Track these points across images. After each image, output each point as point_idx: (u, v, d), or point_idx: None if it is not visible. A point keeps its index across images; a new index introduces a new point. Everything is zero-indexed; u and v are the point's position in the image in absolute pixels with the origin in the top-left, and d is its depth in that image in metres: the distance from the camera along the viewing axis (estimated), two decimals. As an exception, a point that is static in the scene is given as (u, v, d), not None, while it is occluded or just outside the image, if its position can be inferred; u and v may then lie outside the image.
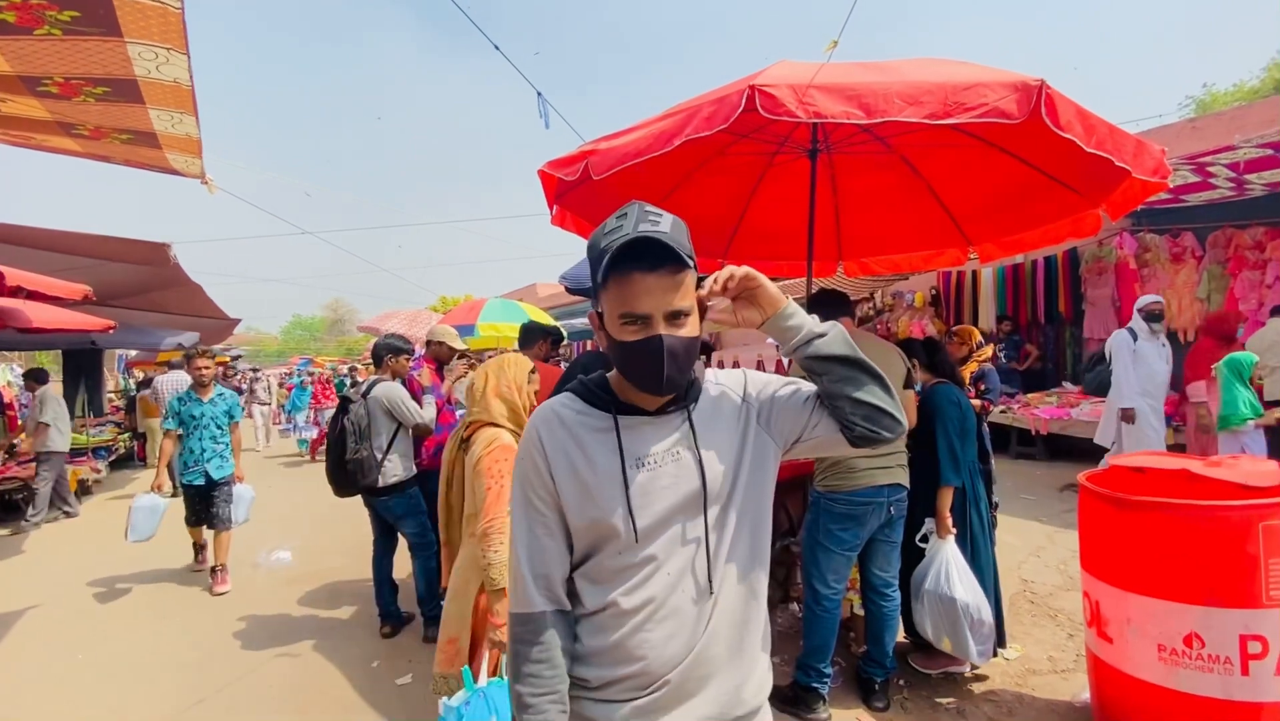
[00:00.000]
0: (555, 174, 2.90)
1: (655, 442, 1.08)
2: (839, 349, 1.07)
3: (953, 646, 2.63)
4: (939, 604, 2.64)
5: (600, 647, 1.06)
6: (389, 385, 3.61)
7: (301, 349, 43.81)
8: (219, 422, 4.71)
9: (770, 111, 2.12)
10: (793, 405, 1.13)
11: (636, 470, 1.06)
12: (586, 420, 1.10)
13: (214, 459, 4.66)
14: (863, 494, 2.53)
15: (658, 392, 1.05)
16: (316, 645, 3.58)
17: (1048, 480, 6.50)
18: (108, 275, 6.97)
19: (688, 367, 1.05)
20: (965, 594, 2.59)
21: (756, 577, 1.11)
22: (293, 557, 5.20)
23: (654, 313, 1.00)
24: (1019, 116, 2.03)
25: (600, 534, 1.06)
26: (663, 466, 1.07)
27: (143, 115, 3.11)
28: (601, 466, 1.06)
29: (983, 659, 2.64)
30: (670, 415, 1.10)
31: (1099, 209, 3.34)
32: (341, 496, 3.54)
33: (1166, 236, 7.92)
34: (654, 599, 1.04)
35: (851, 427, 1.07)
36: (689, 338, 1.04)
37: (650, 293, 0.99)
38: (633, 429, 1.09)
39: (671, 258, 0.99)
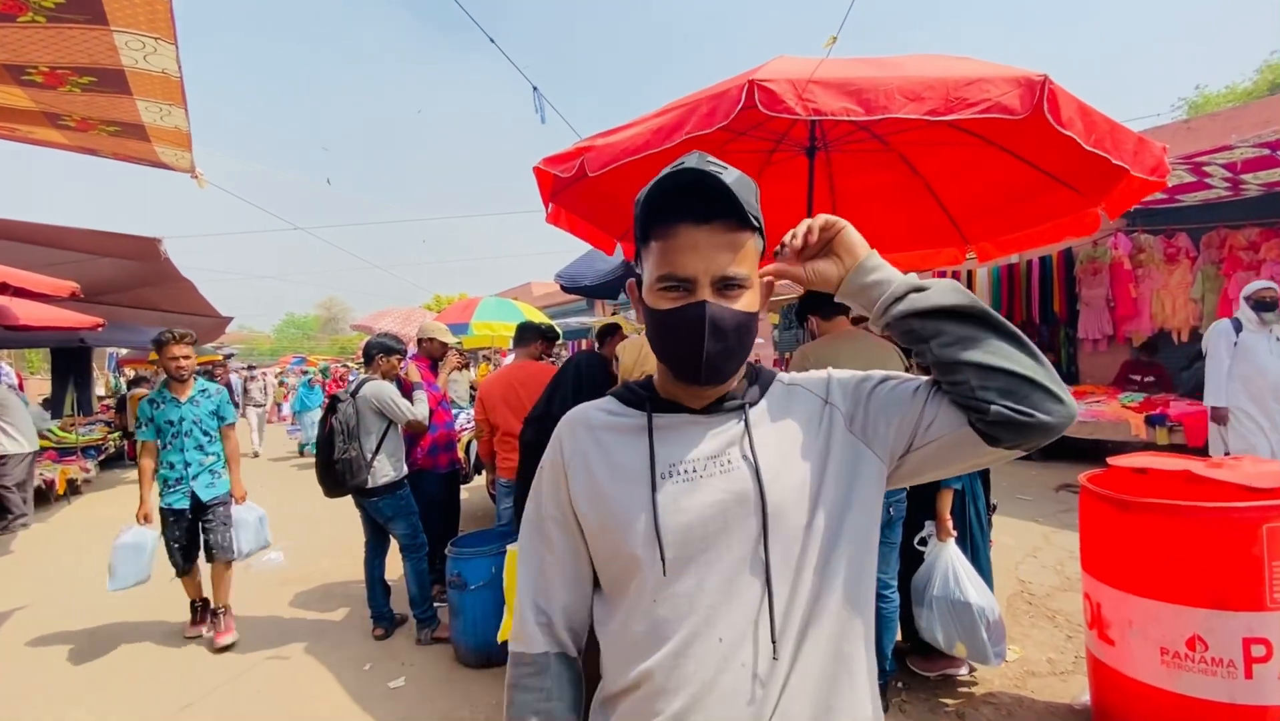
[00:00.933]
0: (551, 170, 2.86)
1: (697, 445, 0.84)
2: (950, 299, 0.80)
3: (968, 651, 2.60)
4: (951, 609, 2.61)
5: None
6: (378, 384, 3.56)
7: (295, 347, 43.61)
8: (205, 427, 3.71)
9: (769, 107, 2.09)
10: (896, 400, 0.84)
11: (668, 479, 0.82)
12: (617, 420, 0.90)
13: (202, 474, 3.67)
14: None
15: (696, 378, 0.82)
16: (308, 647, 3.52)
17: (1044, 480, 6.51)
18: (97, 271, 6.89)
19: (737, 350, 0.82)
20: (978, 597, 2.57)
21: (852, 633, 0.80)
22: (285, 559, 5.13)
23: (699, 276, 0.79)
24: (1021, 112, 2.00)
25: (623, 567, 0.83)
26: (706, 477, 0.81)
27: (130, 107, 3.05)
28: (624, 472, 0.84)
29: (998, 660, 2.61)
30: (721, 414, 0.86)
31: (1097, 207, 3.33)
32: (331, 497, 3.50)
33: (1161, 237, 7.93)
34: (694, 678, 0.76)
35: (984, 410, 0.75)
36: (742, 312, 0.81)
37: (697, 250, 0.79)
38: (670, 428, 0.86)
39: (728, 209, 0.78)
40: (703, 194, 0.78)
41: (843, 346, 2.61)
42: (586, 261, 6.40)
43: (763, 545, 0.78)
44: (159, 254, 6.52)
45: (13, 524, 6.31)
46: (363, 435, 3.43)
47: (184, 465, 3.64)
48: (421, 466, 4.04)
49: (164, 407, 3.64)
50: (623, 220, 4.03)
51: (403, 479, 3.59)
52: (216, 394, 3.85)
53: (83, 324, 5.61)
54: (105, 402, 12.92)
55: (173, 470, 3.64)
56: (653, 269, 0.83)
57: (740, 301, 0.81)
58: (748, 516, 0.79)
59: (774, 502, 0.79)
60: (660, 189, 0.80)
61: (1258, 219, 7.02)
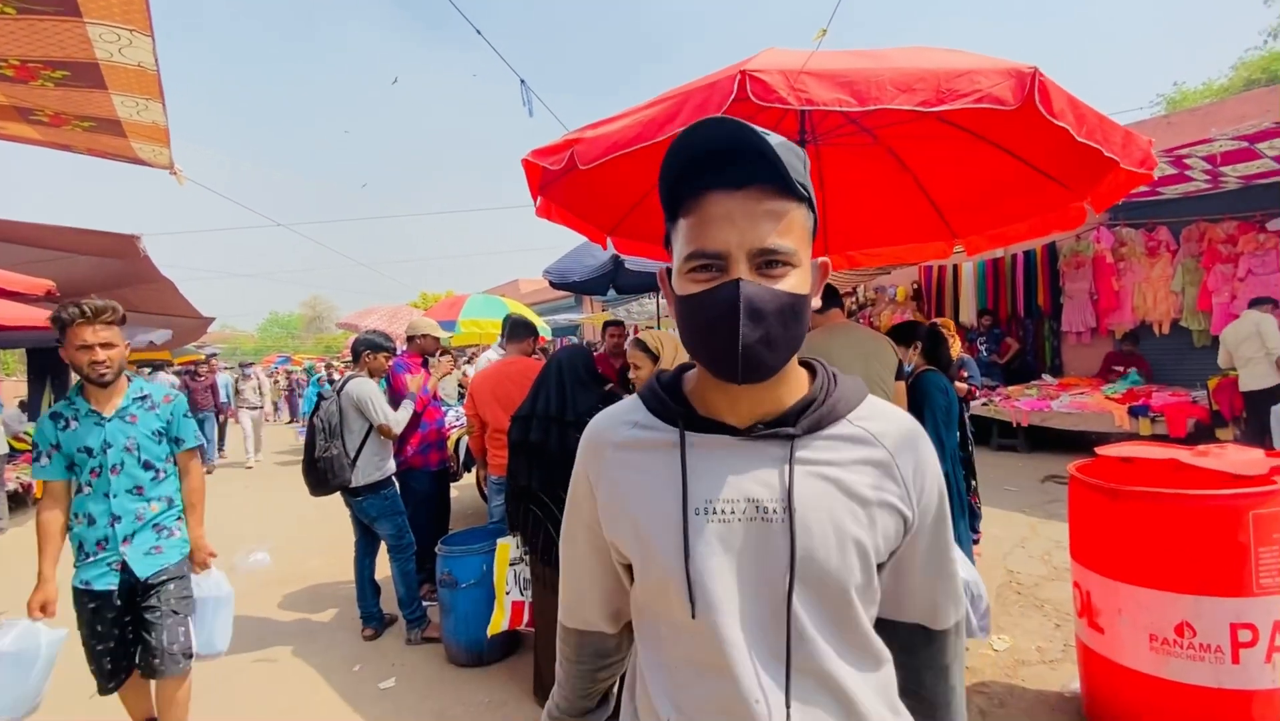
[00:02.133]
0: (539, 163, 2.82)
1: (735, 481, 0.73)
2: None
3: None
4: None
5: None
6: (361, 381, 3.51)
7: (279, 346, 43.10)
8: (146, 456, 2.38)
9: (761, 98, 2.08)
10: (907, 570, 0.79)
11: (702, 516, 0.73)
12: (645, 436, 0.79)
13: (140, 533, 2.37)
14: None
15: (733, 374, 0.69)
16: (296, 649, 3.48)
17: (1029, 471, 6.58)
18: (73, 269, 6.75)
19: (782, 339, 0.69)
20: (966, 572, 2.60)
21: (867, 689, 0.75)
22: (272, 558, 5.06)
23: (732, 250, 0.67)
24: (1013, 103, 2.01)
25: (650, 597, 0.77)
26: (743, 521, 0.72)
27: (105, 101, 2.98)
28: (654, 505, 0.75)
29: (984, 634, 2.63)
30: (766, 441, 0.74)
31: (1083, 201, 3.35)
32: (316, 496, 3.45)
33: (1142, 230, 8.04)
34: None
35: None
36: (787, 293, 0.68)
37: (730, 219, 0.67)
38: (706, 455, 0.75)
39: (768, 172, 0.66)
40: (736, 156, 0.67)
41: (836, 339, 2.61)
42: (575, 257, 6.36)
43: (787, 602, 0.71)
44: (138, 251, 6.41)
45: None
46: (345, 433, 3.39)
47: (110, 520, 2.32)
48: (412, 464, 4.00)
49: (76, 427, 2.29)
50: (614, 213, 4.00)
51: (388, 478, 3.55)
52: (167, 402, 2.48)
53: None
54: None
55: (92, 527, 2.34)
56: (681, 249, 0.71)
57: (785, 281, 0.68)
58: (780, 571, 0.71)
59: (805, 561, 0.70)
60: (687, 151, 0.68)
61: (1235, 212, 7.13)
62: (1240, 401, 5.63)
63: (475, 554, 3.14)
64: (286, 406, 18.36)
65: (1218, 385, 6.18)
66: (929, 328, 3.11)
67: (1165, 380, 7.47)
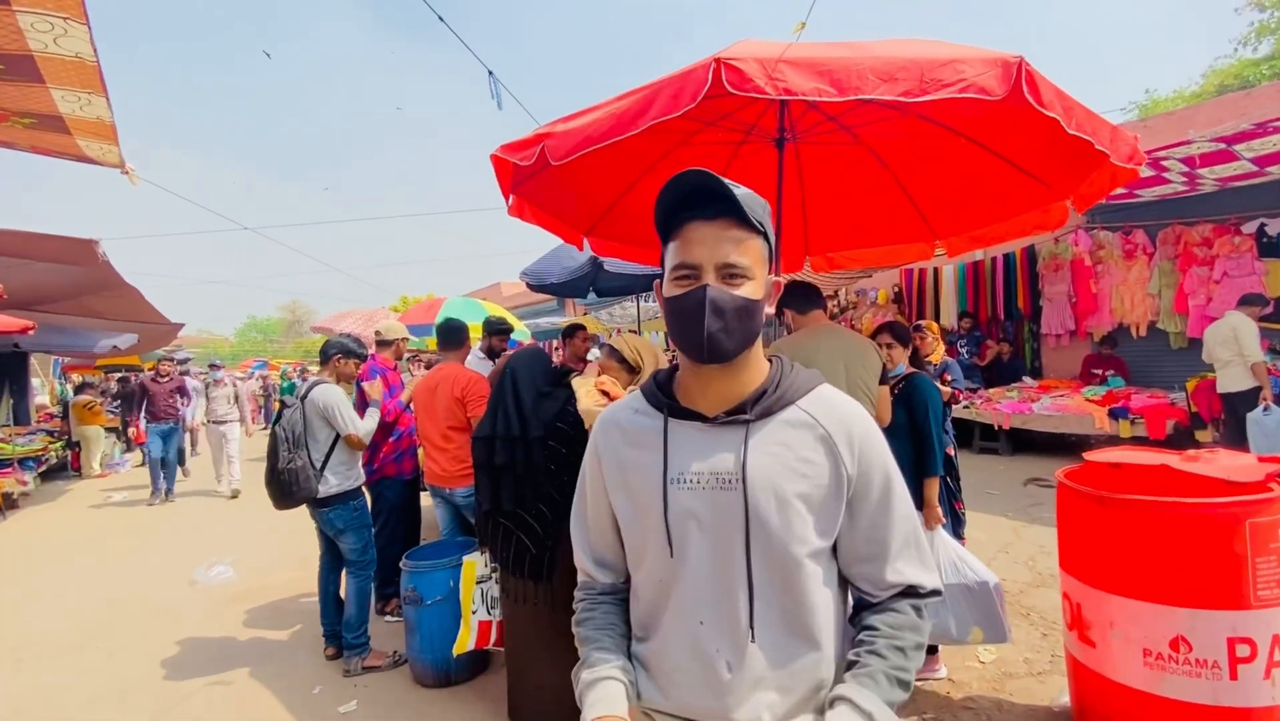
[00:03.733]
0: (510, 159, 2.69)
1: (704, 460, 0.98)
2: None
3: (985, 634, 2.51)
4: (967, 594, 2.52)
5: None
6: (328, 388, 3.30)
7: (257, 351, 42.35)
8: None
9: (737, 87, 1.97)
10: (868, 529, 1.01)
11: (677, 484, 0.98)
12: (641, 420, 1.05)
13: None
14: None
15: (701, 355, 0.94)
16: (254, 671, 3.30)
17: (1011, 474, 6.54)
18: (30, 276, 6.48)
19: (738, 331, 0.93)
20: (989, 574, 2.51)
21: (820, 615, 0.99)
22: (235, 572, 4.86)
23: (704, 262, 0.92)
24: (999, 93, 1.92)
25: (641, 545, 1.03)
26: (708, 489, 0.97)
27: (45, 96, 2.80)
28: (644, 472, 1.01)
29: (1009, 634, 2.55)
30: (729, 427, 0.99)
31: (1066, 201, 3.30)
32: (281, 509, 3.22)
33: (1119, 234, 8.09)
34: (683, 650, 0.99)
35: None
36: (742, 297, 0.92)
37: (703, 242, 0.92)
38: (685, 436, 1.00)
39: (732, 210, 0.92)
40: (709, 195, 0.92)
41: (821, 341, 2.51)
42: (553, 258, 6.23)
43: (745, 551, 0.95)
44: (96, 256, 6.16)
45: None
46: (310, 442, 3.18)
47: None
48: (385, 473, 3.84)
49: None
50: (589, 213, 3.88)
51: (358, 488, 3.36)
52: None
53: (9, 327, 5.22)
54: (48, 411, 12.29)
55: None
56: (669, 262, 0.97)
57: (742, 289, 0.93)
58: (737, 526, 0.95)
59: (757, 517, 0.94)
60: (674, 194, 0.93)
61: (1210, 215, 7.19)
62: (1219, 403, 5.63)
63: (442, 569, 2.98)
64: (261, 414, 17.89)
65: (1196, 387, 6.19)
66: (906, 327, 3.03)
67: (1143, 382, 7.50)
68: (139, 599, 4.49)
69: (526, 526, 2.44)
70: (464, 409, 3.40)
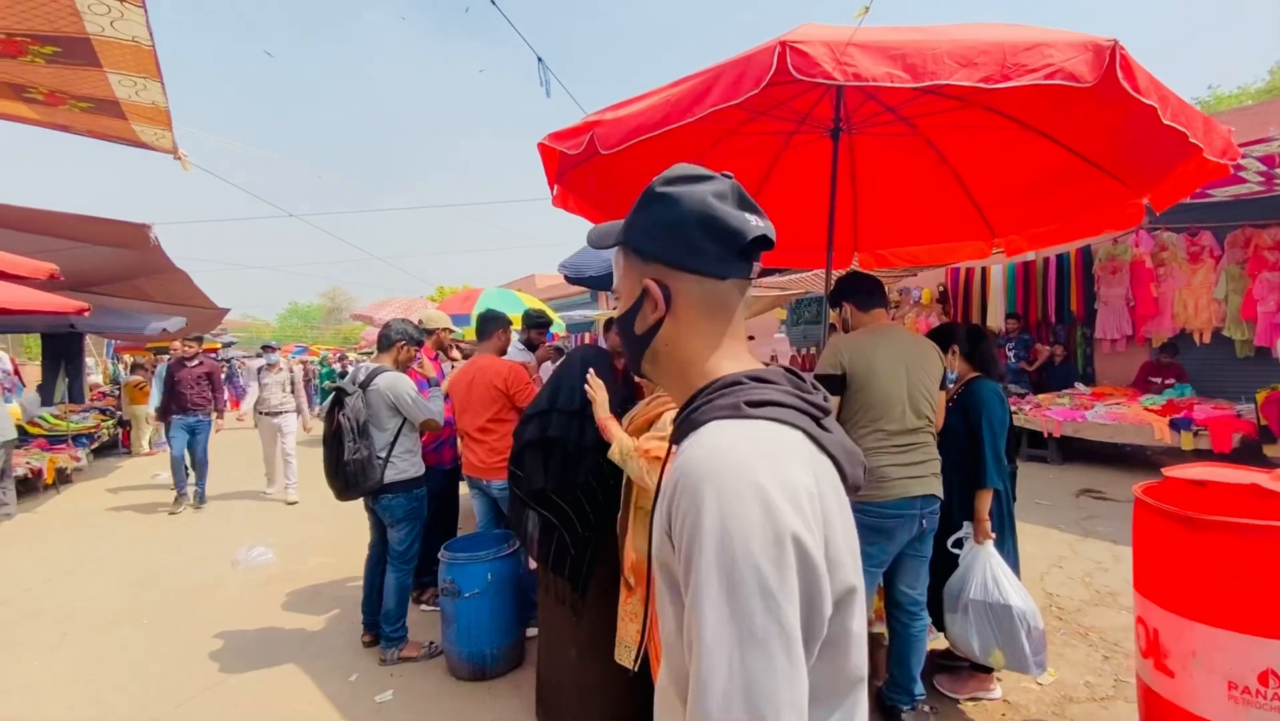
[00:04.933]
0: (557, 147, 2.63)
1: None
2: None
3: (1006, 659, 2.41)
4: (989, 614, 2.42)
5: None
6: (395, 376, 3.21)
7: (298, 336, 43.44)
8: None
9: (803, 72, 1.86)
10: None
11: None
12: None
13: None
14: (894, 506, 2.29)
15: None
16: (292, 654, 3.33)
17: (1062, 485, 6.27)
18: (85, 259, 6.69)
19: (625, 346, 0.91)
20: (1019, 600, 2.39)
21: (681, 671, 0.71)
22: (274, 555, 4.94)
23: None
24: (1090, 79, 1.77)
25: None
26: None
27: (101, 80, 2.83)
28: None
29: (1039, 670, 2.43)
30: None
31: (1142, 198, 3.10)
32: (344, 500, 3.15)
33: (1184, 235, 7.70)
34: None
35: None
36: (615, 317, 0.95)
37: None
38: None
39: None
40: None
41: (881, 342, 2.38)
42: (592, 250, 6.17)
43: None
44: (149, 240, 6.31)
45: (-4, 514, 6.12)
46: (374, 431, 3.12)
47: None
48: (425, 462, 3.83)
49: None
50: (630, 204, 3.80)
51: (421, 476, 3.29)
52: None
53: (65, 308, 5.38)
54: (100, 390, 12.75)
55: None
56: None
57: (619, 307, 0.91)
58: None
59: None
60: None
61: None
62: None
63: (480, 561, 2.96)
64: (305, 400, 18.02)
65: (1266, 398, 5.84)
66: (969, 328, 2.87)
67: (1205, 392, 7.11)
68: (181, 576, 4.59)
69: (568, 521, 2.39)
70: (508, 399, 3.36)
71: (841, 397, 2.36)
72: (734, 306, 0.82)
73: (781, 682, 0.59)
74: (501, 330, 3.55)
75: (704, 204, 0.78)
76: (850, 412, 2.37)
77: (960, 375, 2.77)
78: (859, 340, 2.39)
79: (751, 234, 0.78)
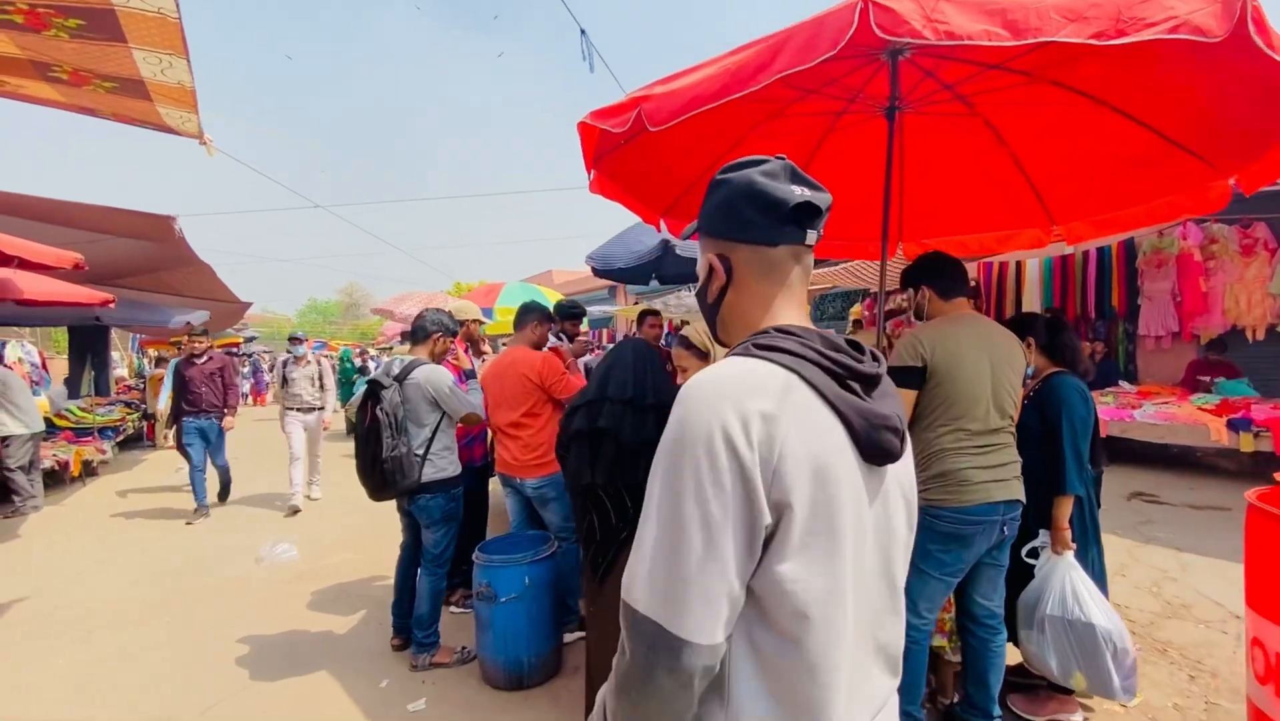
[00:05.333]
0: (600, 125, 2.45)
1: None
2: None
3: (1088, 682, 2.21)
4: (1069, 631, 2.23)
5: None
6: (433, 369, 3.04)
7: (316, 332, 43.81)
8: None
9: (889, 31, 1.68)
10: None
11: None
12: None
13: None
14: (975, 511, 2.09)
15: None
16: (320, 657, 3.21)
17: (1113, 487, 5.99)
18: (110, 251, 6.64)
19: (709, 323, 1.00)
20: (1103, 618, 2.20)
21: None
22: (299, 551, 4.85)
23: None
24: (1219, 34, 1.57)
25: None
26: None
27: (126, 57, 2.71)
28: None
29: (1128, 696, 2.23)
30: None
31: (1229, 180, 2.87)
32: (378, 500, 3.00)
33: (1236, 227, 7.36)
34: None
35: None
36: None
37: None
38: None
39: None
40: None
41: (965, 333, 2.18)
42: (620, 242, 6.00)
43: None
44: (173, 232, 6.26)
45: (21, 507, 6.12)
46: (412, 428, 2.96)
47: None
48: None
49: None
50: (670, 191, 3.63)
51: (458, 476, 3.13)
52: None
53: (90, 299, 5.32)
54: (126, 383, 12.84)
55: None
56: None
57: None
58: None
59: None
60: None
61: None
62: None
63: (517, 564, 2.81)
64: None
65: (1331, 398, 5.54)
66: (1048, 317, 2.65)
67: (1259, 390, 6.80)
68: (205, 572, 4.52)
69: (604, 511, 2.23)
70: (542, 391, 3.20)
71: (919, 393, 2.16)
72: (789, 270, 0.89)
73: (693, 567, 0.70)
74: (537, 321, 3.37)
75: (749, 181, 0.87)
76: (928, 409, 2.18)
77: (1038, 370, 2.56)
78: (941, 330, 2.20)
79: (794, 200, 0.84)
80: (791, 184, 0.86)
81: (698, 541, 0.69)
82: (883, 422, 0.79)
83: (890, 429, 0.79)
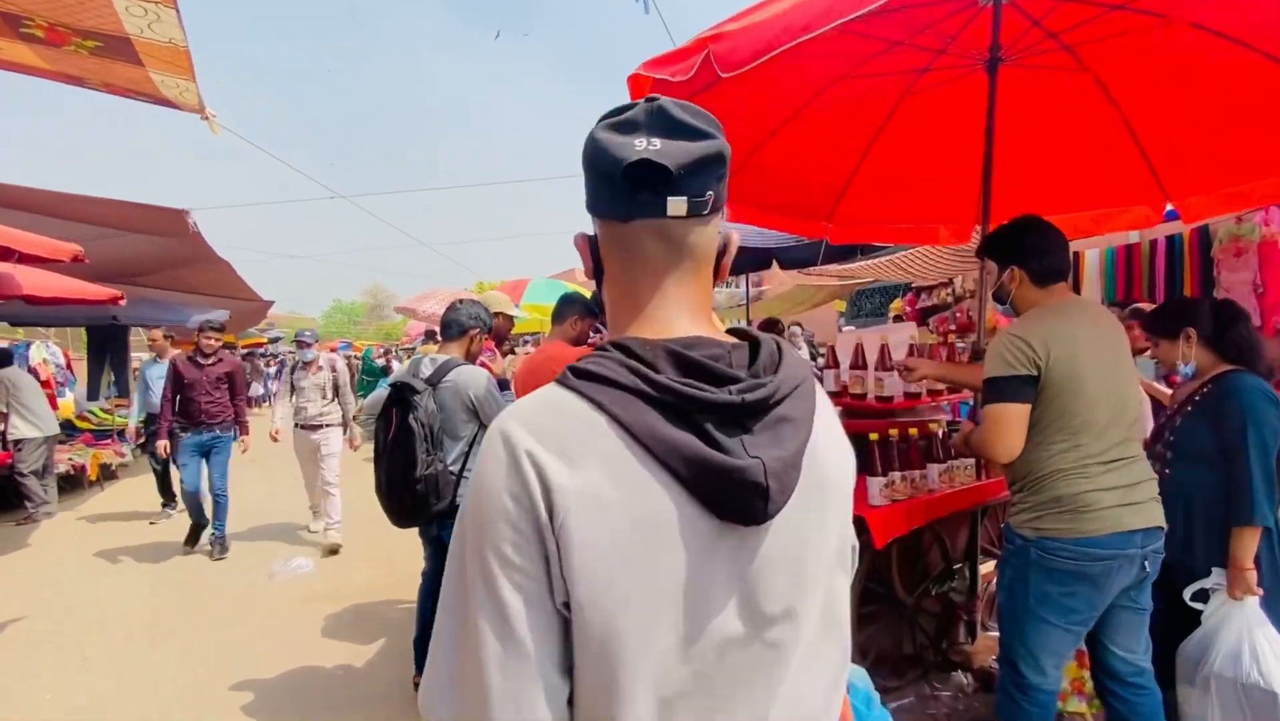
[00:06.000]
0: (655, 75, 2.03)
1: None
2: None
3: None
4: (1242, 697, 1.78)
5: None
6: (471, 370, 2.65)
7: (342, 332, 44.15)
8: None
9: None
10: None
11: None
12: None
13: None
14: (1104, 543, 1.66)
15: None
16: (334, 699, 2.85)
17: None
18: (123, 247, 6.40)
19: None
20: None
21: None
22: (313, 565, 4.52)
23: None
24: None
25: None
26: None
27: (105, 7, 2.35)
28: None
29: None
30: None
31: None
32: (403, 526, 2.58)
33: (1327, 209, 6.72)
34: None
35: None
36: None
37: None
38: None
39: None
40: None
41: (1079, 329, 1.74)
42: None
43: None
44: (187, 226, 6.00)
45: (34, 513, 5.90)
46: (447, 441, 2.54)
47: None
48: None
49: None
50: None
51: None
52: None
53: (98, 296, 5.05)
54: (148, 385, 12.74)
55: None
56: None
57: None
58: None
59: None
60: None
61: None
62: None
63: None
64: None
65: None
66: (1216, 304, 2.18)
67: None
68: (215, 587, 4.22)
69: None
70: None
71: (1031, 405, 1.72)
72: (649, 255, 0.65)
73: (492, 669, 0.55)
74: (579, 315, 2.93)
75: (591, 137, 0.65)
76: (1039, 424, 1.74)
77: (1201, 368, 2.09)
78: (1052, 326, 1.74)
79: (628, 159, 0.59)
80: (647, 135, 0.61)
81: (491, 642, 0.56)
82: (737, 475, 0.56)
83: (748, 484, 0.56)
